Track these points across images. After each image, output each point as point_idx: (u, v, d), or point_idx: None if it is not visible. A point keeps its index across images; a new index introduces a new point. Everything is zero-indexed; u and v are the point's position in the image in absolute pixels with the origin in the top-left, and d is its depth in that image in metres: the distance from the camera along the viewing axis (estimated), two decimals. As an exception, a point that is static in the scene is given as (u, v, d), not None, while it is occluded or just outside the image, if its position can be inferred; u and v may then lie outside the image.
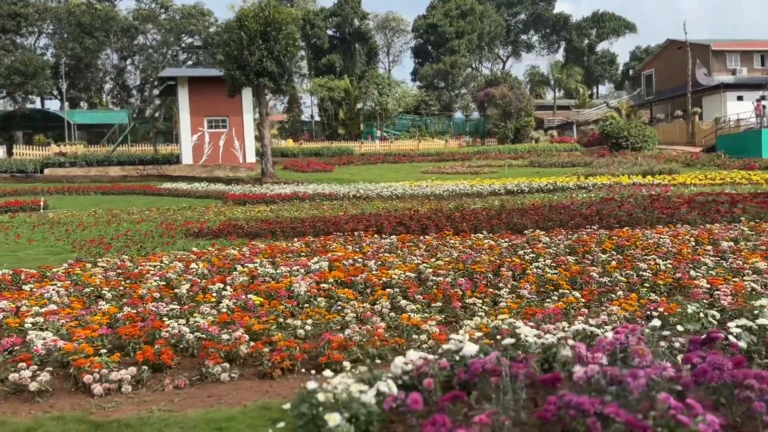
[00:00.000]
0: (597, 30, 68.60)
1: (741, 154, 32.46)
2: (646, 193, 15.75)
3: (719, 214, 10.31)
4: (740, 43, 46.48)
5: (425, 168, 34.89)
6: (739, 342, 3.82)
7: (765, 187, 18.11)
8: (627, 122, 40.80)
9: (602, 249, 7.19)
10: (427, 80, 63.16)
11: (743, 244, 7.25)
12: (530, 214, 12.38)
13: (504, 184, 22.83)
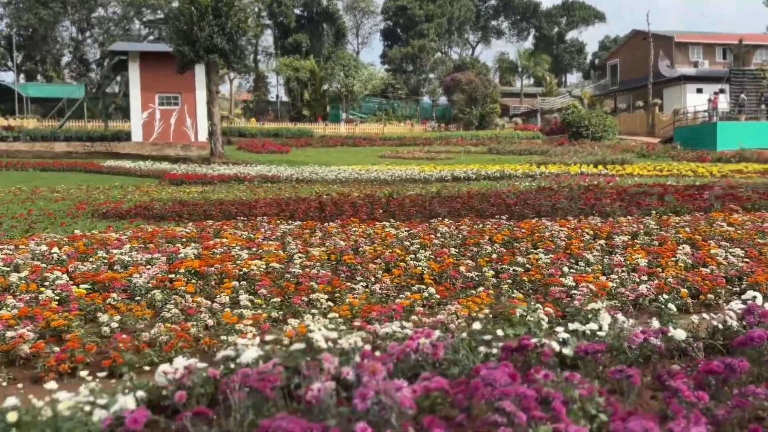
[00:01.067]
0: (567, 18, 68.56)
1: (697, 146, 32.66)
2: (583, 184, 15.54)
3: (638, 207, 10.09)
4: (703, 35, 46.74)
5: (383, 152, 34.47)
6: (564, 349, 3.51)
7: (707, 180, 18.06)
8: (588, 112, 40.81)
9: (493, 240, 6.89)
10: (395, 63, 62.53)
11: (640, 239, 7.00)
12: (457, 201, 12.07)
13: (452, 170, 22.55)
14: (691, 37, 46.26)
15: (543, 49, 67.42)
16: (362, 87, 54.60)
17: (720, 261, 5.72)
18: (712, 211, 9.64)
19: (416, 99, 61.37)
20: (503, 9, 69.01)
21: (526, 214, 9.72)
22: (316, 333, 3.22)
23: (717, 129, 33.10)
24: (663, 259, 5.87)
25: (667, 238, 6.92)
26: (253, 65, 58.39)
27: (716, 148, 31.84)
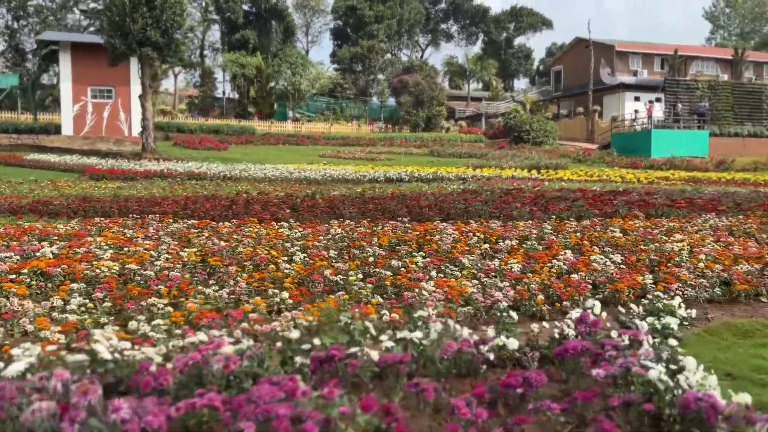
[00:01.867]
0: (515, 24, 69.48)
1: (632, 153, 33.43)
2: (504, 188, 15.58)
3: (546, 212, 10.10)
4: (642, 45, 47.95)
5: (325, 152, 34.14)
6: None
7: (632, 186, 18.37)
8: (530, 117, 41.33)
9: (380, 243, 6.71)
10: (344, 63, 62.20)
11: (529, 243, 6.93)
12: (373, 203, 11.90)
13: (386, 171, 22.41)
14: (631, 46, 47.40)
15: (491, 54, 68.15)
16: (310, 86, 54.13)
17: (595, 267, 5.67)
18: (616, 217, 9.72)
19: (365, 99, 61.20)
20: (453, 13, 69.46)
21: (432, 216, 9.60)
22: (99, 343, 2.94)
23: (651, 137, 33.94)
24: (539, 264, 5.78)
25: (554, 243, 6.87)
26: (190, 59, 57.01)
27: (650, 156, 32.64)
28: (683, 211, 10.24)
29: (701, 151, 33.96)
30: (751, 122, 37.10)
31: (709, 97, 36.73)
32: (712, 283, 5.41)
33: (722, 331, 4.41)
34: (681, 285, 5.19)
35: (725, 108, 36.92)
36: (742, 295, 5.29)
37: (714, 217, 9.26)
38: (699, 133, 34.80)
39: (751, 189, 16.02)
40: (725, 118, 36.70)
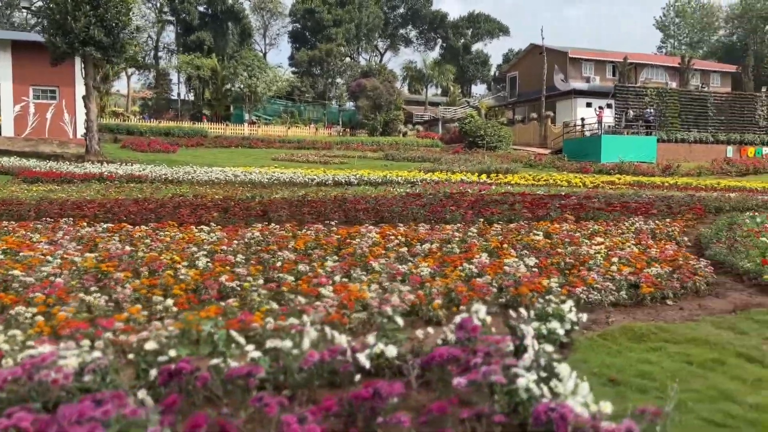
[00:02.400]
0: (472, 30, 70.06)
1: (583, 158, 33.90)
2: (447, 191, 15.55)
3: (479, 215, 10.04)
4: (595, 52, 48.80)
5: (278, 155, 33.76)
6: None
7: (577, 190, 18.54)
8: (484, 122, 41.64)
9: (295, 247, 6.51)
10: (302, 66, 61.77)
11: (449, 247, 6.80)
12: (310, 206, 11.69)
13: (336, 175, 22.23)
14: (584, 53, 48.21)
15: (449, 60, 68.54)
16: (266, 88, 53.54)
17: (507, 270, 5.57)
18: (546, 220, 9.71)
19: (323, 103, 60.87)
20: (411, 18, 69.74)
21: (364, 219, 9.43)
22: None
23: (601, 142, 34.47)
24: (449, 268, 5.66)
25: (474, 246, 6.77)
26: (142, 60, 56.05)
27: (600, 160, 33.14)
28: (614, 215, 10.29)
29: (649, 157, 34.63)
30: (697, 128, 38.01)
31: (657, 103, 37.49)
32: (619, 286, 5.36)
33: (618, 335, 4.34)
34: (586, 288, 5.12)
35: (672, 114, 37.73)
36: (648, 298, 5.25)
37: (642, 221, 9.31)
38: (647, 138, 35.51)
39: (690, 193, 16.31)
40: (672, 125, 37.51)
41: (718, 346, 4.17)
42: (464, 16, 69.96)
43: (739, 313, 5.07)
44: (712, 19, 73.00)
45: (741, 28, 68.69)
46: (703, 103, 38.75)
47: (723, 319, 4.86)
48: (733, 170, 29.94)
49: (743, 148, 37.99)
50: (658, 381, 3.55)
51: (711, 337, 4.38)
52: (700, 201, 13.39)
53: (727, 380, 3.61)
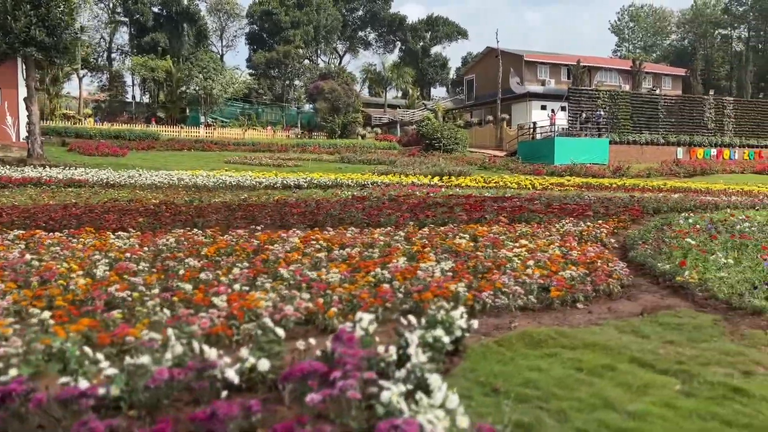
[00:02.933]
0: (431, 33, 70.34)
1: (537, 160, 34.25)
2: (395, 194, 15.45)
3: (416, 219, 9.93)
4: (550, 56, 49.45)
5: (231, 158, 33.26)
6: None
7: (526, 192, 18.62)
8: (441, 124, 41.77)
9: (206, 254, 6.28)
10: (259, 68, 61.14)
11: (370, 252, 6.65)
12: (244, 210, 11.45)
13: (285, 178, 21.96)
14: (539, 57, 48.80)
15: (409, 62, 68.71)
16: (222, 90, 52.86)
17: (419, 275, 5.44)
18: (481, 223, 9.65)
19: (282, 105, 60.36)
20: (370, 21, 69.71)
21: (295, 224, 9.24)
22: None
23: (554, 144, 34.87)
24: (361, 273, 5.51)
25: (395, 251, 6.63)
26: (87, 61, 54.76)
27: (553, 162, 33.51)
28: (549, 217, 10.29)
29: (602, 158, 35.19)
30: (649, 130, 38.77)
31: (610, 106, 38.12)
32: (529, 290, 5.28)
33: (516, 341, 4.24)
34: (492, 293, 5.02)
35: (624, 117, 38.41)
36: (557, 302, 5.18)
37: (572, 223, 9.31)
38: (599, 140, 36.06)
39: (632, 194, 16.50)
40: (624, 127, 38.19)
41: (614, 351, 4.10)
42: (423, 19, 70.22)
43: (647, 316, 5.03)
44: (664, 24, 74.78)
45: (692, 33, 70.50)
46: (654, 105, 39.55)
47: (627, 323, 4.81)
48: (682, 171, 30.59)
49: (693, 149, 38.91)
50: (542, 390, 3.45)
51: (610, 341, 4.31)
52: (640, 202, 13.54)
53: (613, 387, 3.53)
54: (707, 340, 4.49)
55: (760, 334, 4.62)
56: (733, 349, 4.28)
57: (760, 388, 3.61)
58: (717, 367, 3.96)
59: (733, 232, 9.81)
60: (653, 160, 35.55)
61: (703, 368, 3.94)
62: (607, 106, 38.12)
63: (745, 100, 43.10)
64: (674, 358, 4.06)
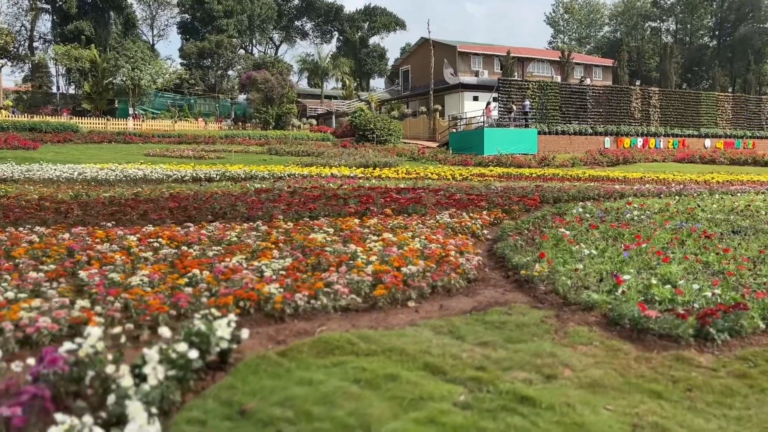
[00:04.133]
0: (369, 24, 69.81)
1: (467, 151, 34.19)
2: (300, 186, 14.94)
3: (297, 212, 9.45)
4: (483, 47, 49.61)
5: (152, 150, 32.00)
6: None
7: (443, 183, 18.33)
8: (374, 115, 41.35)
9: (13, 255, 5.64)
10: (191, 58, 59.41)
11: (216, 249, 6.12)
12: (123, 206, 10.74)
13: (196, 171, 21.09)
14: (473, 47, 48.89)
15: (347, 53, 68.05)
16: (151, 81, 51.11)
17: (236, 277, 4.93)
18: (366, 215, 9.24)
19: (215, 96, 58.85)
20: (306, 10, 68.66)
21: (156, 220, 8.61)
22: None
23: (484, 135, 34.88)
24: (172, 276, 4.97)
25: (240, 248, 6.13)
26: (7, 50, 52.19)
27: (483, 153, 33.51)
28: (440, 208, 9.94)
29: (531, 148, 35.42)
30: (578, 120, 39.28)
31: (539, 96, 38.42)
32: (356, 288, 4.85)
33: (306, 349, 3.79)
34: (305, 295, 4.57)
35: (554, 107, 38.79)
36: (382, 301, 4.77)
37: (457, 214, 8.98)
38: (528, 131, 36.29)
39: (537, 184, 16.41)
40: (554, 117, 38.57)
41: (410, 357, 3.70)
42: (360, 9, 69.63)
43: (474, 314, 4.67)
44: (597, 16, 76.19)
45: (623, 25, 72.07)
46: (582, 95, 40.08)
47: (448, 323, 4.44)
48: (605, 160, 31.01)
49: (620, 138, 39.62)
50: (297, 409, 3.01)
51: (414, 345, 3.92)
52: (541, 191, 13.40)
53: (383, 401, 3.12)
54: (525, 340, 4.16)
55: (584, 332, 4.32)
56: (547, 350, 3.95)
57: (551, 396, 3.28)
58: (519, 372, 3.62)
59: (622, 220, 9.70)
60: (581, 150, 36.01)
61: (505, 373, 3.59)
62: (537, 97, 38.42)
63: (669, 91, 44.17)
64: (476, 363, 3.70)
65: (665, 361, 3.87)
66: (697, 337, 4.16)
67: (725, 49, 64.77)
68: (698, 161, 33.14)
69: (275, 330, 4.18)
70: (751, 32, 62.20)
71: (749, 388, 3.54)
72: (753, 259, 6.65)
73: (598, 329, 4.38)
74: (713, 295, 4.84)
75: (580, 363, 3.80)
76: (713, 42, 67.97)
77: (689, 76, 64.95)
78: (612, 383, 3.53)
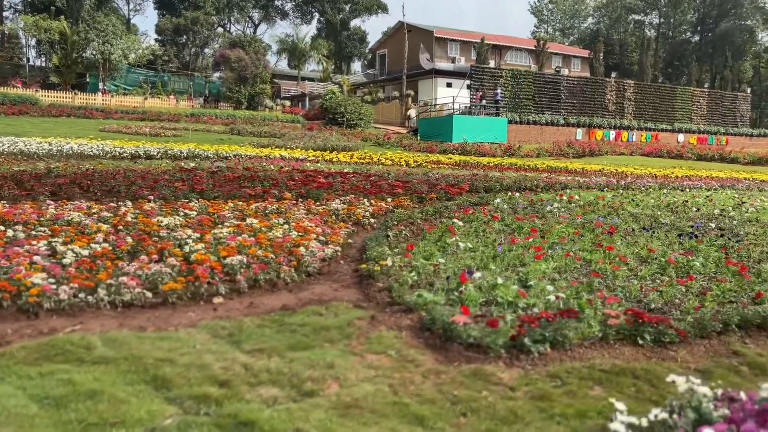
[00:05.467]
0: (350, 6, 68.69)
1: (436, 137, 33.56)
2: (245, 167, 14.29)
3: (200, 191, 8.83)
4: (460, 33, 48.83)
5: (110, 126, 31.08)
6: None
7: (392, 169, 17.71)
8: (345, 98, 40.54)
9: None
10: (166, 35, 58.09)
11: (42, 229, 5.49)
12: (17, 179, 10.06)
13: (136, 147, 20.35)
14: (450, 33, 48.11)
15: (328, 35, 66.93)
16: (122, 56, 49.93)
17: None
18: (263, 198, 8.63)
19: (189, 74, 57.65)
20: (287, -11, 67.39)
21: (36, 194, 7.94)
22: None
23: (453, 122, 34.24)
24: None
25: (59, 231, 5.49)
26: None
27: (452, 140, 32.90)
28: (347, 194, 9.34)
29: (500, 137, 34.84)
30: (551, 111, 38.76)
31: (512, 85, 37.81)
32: (153, 281, 4.24)
33: (21, 354, 3.19)
34: (77, 285, 3.96)
35: (526, 96, 38.22)
36: (173, 297, 4.16)
37: (352, 200, 8.39)
38: (498, 120, 35.70)
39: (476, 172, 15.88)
40: (526, 107, 38.01)
41: (141, 368, 3.13)
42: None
43: (280, 314, 4.09)
44: (581, 7, 75.53)
45: (607, 17, 71.50)
46: (556, 86, 39.53)
47: (237, 324, 3.85)
48: (571, 152, 30.51)
49: (592, 130, 39.17)
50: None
51: (166, 353, 3.34)
52: (479, 180, 12.84)
53: (46, 428, 2.52)
54: (312, 347, 3.58)
55: (389, 338, 3.75)
56: (328, 360, 3.37)
57: (284, 420, 2.71)
58: (270, 387, 3.05)
59: (540, 213, 9.18)
60: (553, 140, 35.48)
61: (251, 389, 3.02)
62: (510, 86, 37.83)
63: (644, 84, 43.70)
64: (224, 376, 3.13)
65: (459, 376, 3.31)
66: (513, 348, 3.60)
67: (706, 45, 64.41)
68: (666, 156, 32.72)
69: (17, 327, 3.56)
70: (732, 29, 61.86)
71: (538, 413, 2.99)
72: (645, 258, 6.13)
73: (408, 335, 3.81)
74: (557, 298, 4.28)
75: (356, 377, 3.23)
76: (695, 37, 67.60)
77: (670, 71, 64.60)
78: (374, 404, 2.96)
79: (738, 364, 3.68)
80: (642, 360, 3.63)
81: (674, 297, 4.71)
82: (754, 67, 64.21)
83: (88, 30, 49.02)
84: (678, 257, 5.89)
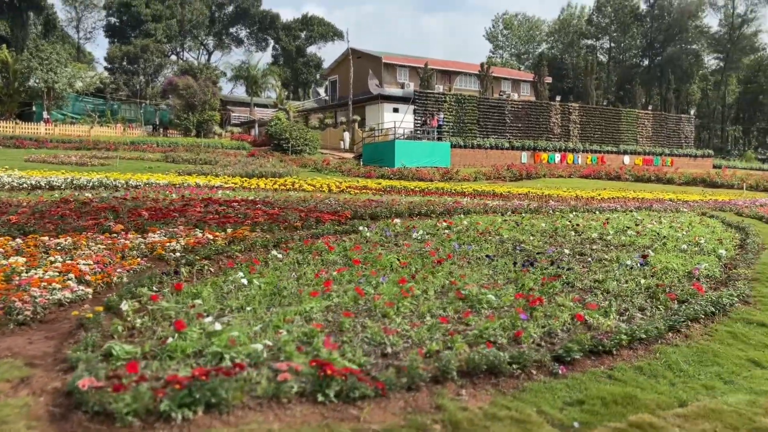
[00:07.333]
0: (306, 33, 68.73)
1: (379, 163, 33.22)
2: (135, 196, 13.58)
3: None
4: (407, 58, 48.97)
5: (36, 156, 30.11)
6: None
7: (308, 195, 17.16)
8: (291, 124, 40.11)
9: None
10: (116, 62, 57.32)
11: None
12: None
13: (40, 178, 19.51)
14: (397, 59, 48.19)
15: (284, 62, 66.76)
16: (67, 85, 49.00)
17: None
18: (80, 231, 7.97)
19: (137, 102, 56.81)
20: (240, 17, 67.19)
21: None
22: None
23: (395, 147, 33.95)
24: None
25: None
26: None
27: (394, 165, 32.59)
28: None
29: (443, 162, 34.64)
30: (496, 135, 38.72)
31: (457, 110, 37.74)
32: None
33: None
34: None
35: (471, 121, 38.16)
36: None
37: (176, 231, 7.79)
38: (441, 144, 35.52)
39: (370, 198, 15.38)
40: (471, 131, 37.93)
41: None
42: (297, 18, 68.58)
43: None
44: (536, 33, 76.66)
45: (560, 42, 72.60)
46: (501, 110, 39.57)
47: None
48: (508, 175, 30.35)
49: (537, 153, 39.18)
50: None
51: None
52: (367, 206, 12.35)
53: None
54: None
55: (13, 407, 3.13)
56: None
57: None
58: None
59: (406, 241, 8.70)
60: (498, 164, 35.34)
61: None
62: (454, 110, 37.74)
63: (590, 107, 44.04)
64: None
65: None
66: (151, 416, 3.00)
67: (655, 69, 65.64)
68: (604, 177, 32.76)
69: None
70: (678, 53, 63.17)
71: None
72: (437, 291, 5.57)
73: (45, 402, 3.24)
74: (267, 347, 3.71)
75: None
76: (645, 61, 68.89)
77: (622, 93, 65.57)
78: None
79: (432, 422, 3.14)
80: (313, 422, 3.07)
81: (423, 339, 4.18)
82: (702, 90, 65.54)
83: (30, 59, 48.09)
84: (472, 290, 5.37)
